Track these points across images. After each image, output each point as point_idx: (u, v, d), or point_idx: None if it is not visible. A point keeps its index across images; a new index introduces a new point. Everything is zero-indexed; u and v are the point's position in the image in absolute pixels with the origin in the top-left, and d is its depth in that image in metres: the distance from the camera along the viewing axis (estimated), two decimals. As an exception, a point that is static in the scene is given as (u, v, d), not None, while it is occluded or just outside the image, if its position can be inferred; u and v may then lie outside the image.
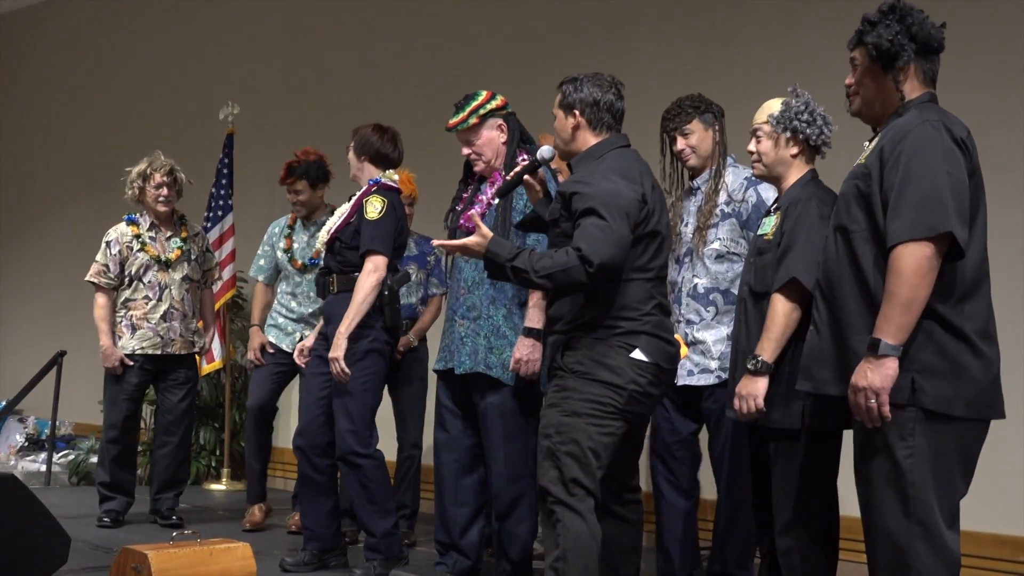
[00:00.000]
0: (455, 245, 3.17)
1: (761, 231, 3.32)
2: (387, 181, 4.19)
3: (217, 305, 5.98)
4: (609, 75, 3.28)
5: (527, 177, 3.38)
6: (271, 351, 5.13)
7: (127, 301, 5.07)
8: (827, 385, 2.67)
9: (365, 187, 4.18)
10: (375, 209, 4.07)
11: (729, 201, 3.79)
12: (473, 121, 3.85)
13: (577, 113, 3.23)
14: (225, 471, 6.55)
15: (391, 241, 4.06)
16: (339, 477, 4.31)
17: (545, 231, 3.46)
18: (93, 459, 6.56)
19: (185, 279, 5.14)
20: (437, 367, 4.03)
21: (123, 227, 5.13)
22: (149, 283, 5.06)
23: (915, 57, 2.65)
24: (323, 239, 4.21)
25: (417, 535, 4.97)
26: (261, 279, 5.28)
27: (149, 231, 5.13)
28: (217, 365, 6.25)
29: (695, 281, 3.79)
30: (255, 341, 5.17)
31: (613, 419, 3.06)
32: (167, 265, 5.09)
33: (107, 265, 5.07)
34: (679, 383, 3.73)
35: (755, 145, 3.33)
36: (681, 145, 3.85)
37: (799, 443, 3.12)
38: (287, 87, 7.28)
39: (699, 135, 3.84)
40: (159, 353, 5.05)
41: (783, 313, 3.08)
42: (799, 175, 3.28)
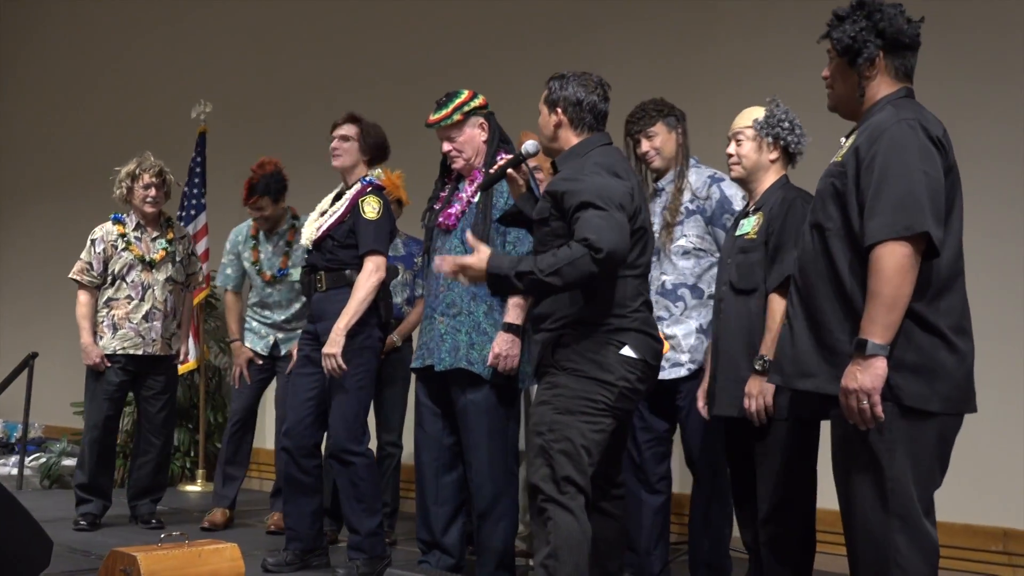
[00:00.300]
0: (455, 267, 3.08)
1: (741, 231, 3.42)
2: (376, 180, 4.22)
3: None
4: (597, 75, 3.29)
5: (511, 171, 3.40)
6: (259, 363, 5.16)
7: (109, 300, 5.04)
8: (797, 379, 2.68)
9: (359, 186, 4.18)
10: (373, 209, 4.09)
11: (694, 199, 3.86)
12: (457, 118, 3.85)
13: (560, 111, 3.25)
14: (200, 472, 6.53)
15: (388, 241, 4.11)
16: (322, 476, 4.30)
17: (526, 227, 3.47)
18: (65, 462, 6.50)
19: (169, 280, 5.11)
20: (415, 365, 4.02)
21: (109, 226, 5.11)
22: (132, 283, 5.03)
23: (886, 53, 2.65)
24: (311, 236, 4.18)
25: (397, 534, 4.98)
26: (230, 288, 5.27)
27: (135, 231, 5.10)
28: (191, 366, 6.21)
29: (663, 278, 3.84)
30: (241, 357, 5.18)
31: (604, 416, 3.08)
32: (151, 265, 5.06)
33: (91, 263, 5.05)
34: None
35: (735, 148, 3.46)
36: (645, 147, 3.90)
37: (782, 433, 3.20)
38: (260, 86, 7.25)
39: (663, 137, 3.90)
40: (139, 353, 5.02)
41: (782, 311, 3.12)
42: (775, 179, 3.44)
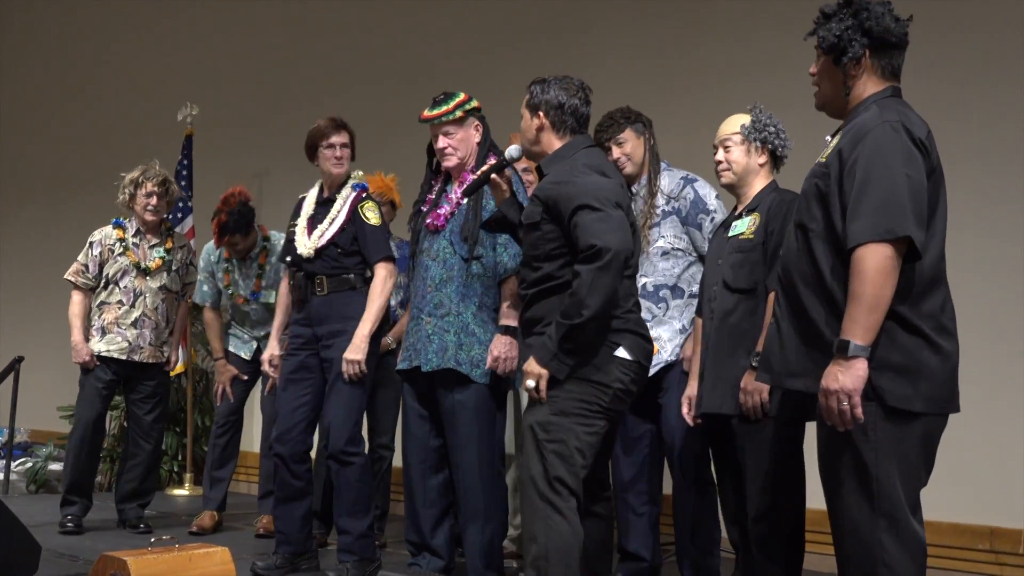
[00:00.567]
0: (535, 394, 3.07)
1: (735, 232, 3.48)
2: (363, 183, 4.26)
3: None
4: (578, 79, 3.31)
5: (494, 176, 3.41)
6: (245, 378, 5.20)
7: (101, 304, 5.04)
8: (786, 379, 2.69)
9: (353, 192, 4.20)
10: (375, 215, 4.15)
11: (668, 200, 3.91)
12: (459, 114, 3.86)
13: (542, 115, 3.27)
14: (188, 476, 6.51)
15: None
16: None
17: (511, 232, 3.48)
18: (51, 466, 6.48)
19: (162, 288, 5.10)
20: (401, 366, 4.00)
21: (109, 229, 5.11)
22: (125, 288, 5.02)
23: (872, 52, 2.64)
24: (314, 245, 4.14)
25: (387, 536, 4.97)
26: (208, 304, 5.26)
27: (134, 237, 5.10)
28: (179, 369, 6.20)
29: (643, 280, 3.86)
30: (225, 376, 5.20)
31: (598, 418, 3.10)
32: (145, 272, 5.05)
33: (86, 265, 5.05)
34: None
35: (724, 155, 3.54)
36: (616, 154, 3.93)
37: (769, 431, 3.23)
38: (247, 88, 7.23)
39: (632, 143, 3.93)
40: (125, 359, 5.01)
41: None
42: (765, 183, 3.53)
